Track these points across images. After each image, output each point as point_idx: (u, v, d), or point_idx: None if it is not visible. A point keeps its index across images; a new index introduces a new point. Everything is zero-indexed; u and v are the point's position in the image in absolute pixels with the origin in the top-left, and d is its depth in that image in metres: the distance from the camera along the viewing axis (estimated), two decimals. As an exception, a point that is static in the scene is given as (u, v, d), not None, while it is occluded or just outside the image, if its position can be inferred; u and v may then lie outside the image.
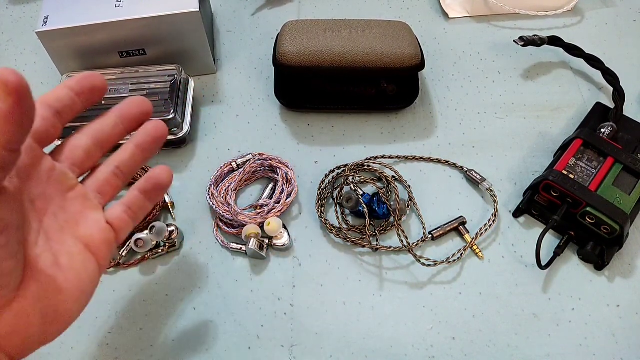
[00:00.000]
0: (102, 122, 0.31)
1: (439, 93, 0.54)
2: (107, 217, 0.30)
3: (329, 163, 0.50)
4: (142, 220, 0.45)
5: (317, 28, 0.49)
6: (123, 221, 0.31)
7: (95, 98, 0.29)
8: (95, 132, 0.30)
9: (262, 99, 0.54)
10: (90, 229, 0.29)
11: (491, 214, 0.47)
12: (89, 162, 0.30)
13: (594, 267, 0.44)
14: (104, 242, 0.30)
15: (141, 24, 0.48)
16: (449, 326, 0.42)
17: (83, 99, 0.28)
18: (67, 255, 0.28)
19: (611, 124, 0.47)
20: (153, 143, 0.32)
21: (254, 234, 0.44)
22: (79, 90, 0.28)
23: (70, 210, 0.29)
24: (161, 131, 0.32)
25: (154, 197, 0.33)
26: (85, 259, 0.28)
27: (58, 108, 0.27)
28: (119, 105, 0.31)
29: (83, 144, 0.30)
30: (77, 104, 0.28)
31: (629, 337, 0.41)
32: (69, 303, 0.27)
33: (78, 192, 0.30)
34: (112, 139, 0.31)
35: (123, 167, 0.31)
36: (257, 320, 0.42)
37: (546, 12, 0.59)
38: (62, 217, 0.28)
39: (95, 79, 0.29)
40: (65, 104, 0.28)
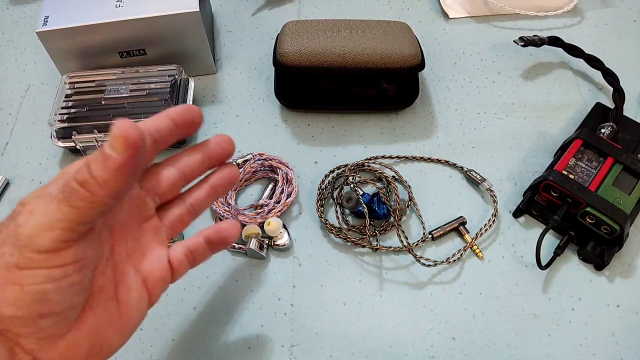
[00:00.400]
0: (189, 157, 0.30)
1: (439, 93, 0.54)
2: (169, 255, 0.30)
3: (329, 163, 0.50)
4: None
5: (317, 28, 0.49)
6: (182, 264, 0.30)
7: (191, 132, 0.28)
8: (182, 166, 0.30)
9: (262, 99, 0.54)
10: (152, 264, 0.28)
11: (491, 214, 0.47)
12: (169, 194, 0.30)
13: (594, 267, 0.44)
14: (160, 281, 0.29)
15: (141, 24, 0.48)
16: (449, 326, 0.42)
17: (180, 132, 0.28)
18: (126, 289, 0.27)
19: (611, 124, 0.47)
20: (226, 187, 0.32)
21: (254, 234, 0.44)
22: (179, 123, 0.27)
23: (141, 241, 0.28)
24: (236, 177, 0.32)
25: (216, 249, 0.32)
26: (140, 295, 0.28)
27: (156, 137, 0.27)
28: (208, 141, 0.30)
29: (171, 177, 0.29)
30: (174, 136, 0.28)
31: (629, 337, 0.41)
32: (116, 337, 0.27)
33: (152, 224, 0.29)
34: (195, 174, 0.30)
35: (197, 205, 0.31)
36: (257, 320, 0.42)
37: (546, 12, 0.59)
38: (131, 247, 0.28)
39: (195, 114, 0.28)
40: (164, 134, 0.27)
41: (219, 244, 0.32)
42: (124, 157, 0.21)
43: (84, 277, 0.23)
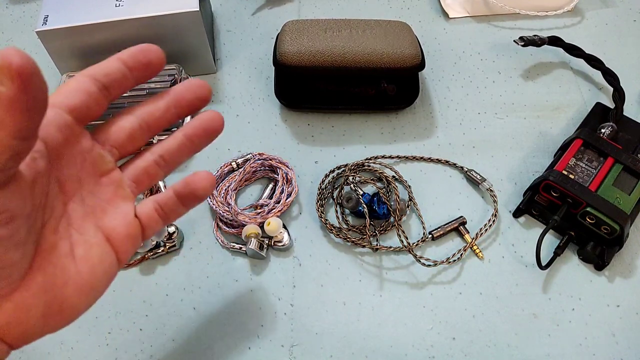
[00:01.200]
0: (152, 104, 0.27)
1: (439, 93, 0.54)
2: (137, 211, 0.28)
3: (329, 163, 0.50)
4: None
5: (317, 28, 0.49)
6: (152, 219, 0.28)
7: (150, 74, 0.26)
8: (143, 113, 0.27)
9: (262, 99, 0.54)
10: (117, 220, 0.27)
11: (491, 214, 0.47)
12: (131, 146, 0.27)
13: (594, 267, 0.44)
14: (127, 237, 0.27)
15: (141, 24, 0.48)
16: (449, 326, 0.42)
17: (136, 75, 0.26)
18: (85, 246, 0.25)
19: (611, 124, 0.47)
20: (205, 136, 0.28)
21: (254, 234, 0.44)
22: (132, 65, 0.25)
23: (100, 196, 0.26)
24: (217, 124, 0.28)
25: (189, 204, 0.29)
26: (103, 252, 0.26)
27: (105, 83, 0.25)
28: (176, 86, 0.28)
29: (128, 126, 0.27)
30: (129, 80, 0.25)
31: (629, 337, 0.41)
32: (77, 297, 0.25)
33: (112, 178, 0.27)
34: (160, 123, 0.28)
35: (167, 157, 0.28)
36: (257, 320, 0.42)
37: (546, 12, 0.59)
38: (89, 202, 0.26)
39: (151, 53, 0.26)
40: (115, 78, 0.25)
41: (189, 198, 0.29)
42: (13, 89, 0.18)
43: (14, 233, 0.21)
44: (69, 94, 0.24)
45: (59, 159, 0.24)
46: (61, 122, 0.24)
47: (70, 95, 0.24)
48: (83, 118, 0.25)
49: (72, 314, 0.25)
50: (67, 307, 0.25)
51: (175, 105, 0.27)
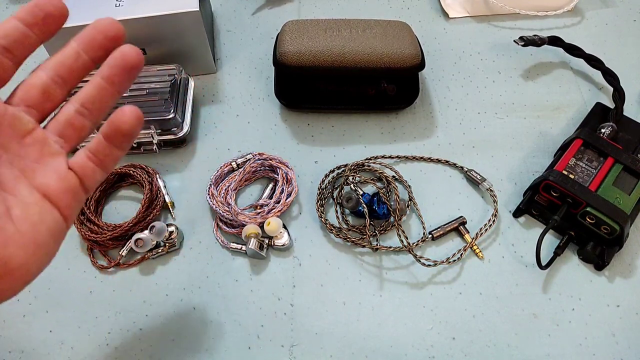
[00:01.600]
0: (61, 55, 0.26)
1: (439, 93, 0.54)
2: (70, 163, 0.27)
3: (329, 163, 0.50)
4: (143, 220, 0.45)
5: (317, 28, 0.49)
6: (88, 168, 0.28)
7: (53, 27, 0.25)
8: (54, 66, 0.26)
9: (262, 99, 0.54)
10: (49, 176, 0.26)
11: (491, 214, 0.47)
12: (48, 103, 0.26)
13: (594, 267, 0.44)
14: (66, 191, 0.26)
15: (141, 24, 0.48)
16: (449, 326, 0.42)
17: (38, 31, 0.24)
18: (21, 206, 0.25)
19: (611, 124, 0.47)
20: (125, 74, 0.26)
21: (254, 234, 0.44)
22: (31, 21, 0.24)
23: (28, 157, 0.26)
24: (133, 57, 0.26)
25: (120, 144, 0.28)
26: (42, 209, 0.25)
27: (5, 45, 0.24)
28: (82, 31, 0.26)
29: (39, 82, 0.26)
30: (31, 38, 0.24)
31: (629, 337, 0.41)
32: (22, 257, 0.25)
33: (36, 137, 0.26)
34: (75, 73, 0.26)
35: (89, 104, 0.27)
36: (257, 320, 0.42)
37: (546, 12, 0.59)
38: (18, 165, 0.26)
39: (47, 4, 0.24)
40: (15, 39, 0.24)
41: (116, 137, 0.27)
42: None
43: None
44: None
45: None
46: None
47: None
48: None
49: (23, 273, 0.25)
50: (15, 267, 0.24)
51: (85, 49, 0.26)
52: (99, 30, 0.26)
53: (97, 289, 0.44)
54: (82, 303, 0.43)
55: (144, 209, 0.45)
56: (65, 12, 0.25)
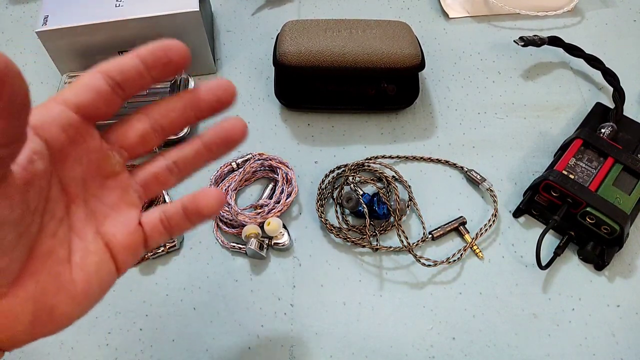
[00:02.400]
0: (168, 105, 0.25)
1: (439, 93, 0.54)
2: (142, 219, 0.26)
3: (329, 163, 0.50)
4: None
5: (317, 28, 0.49)
6: (156, 230, 0.26)
7: (169, 74, 0.24)
8: (157, 114, 0.25)
9: (262, 99, 0.54)
10: (118, 226, 0.25)
11: (491, 214, 0.47)
12: (141, 148, 0.25)
13: (594, 267, 0.44)
14: (128, 246, 0.25)
15: (141, 24, 0.48)
16: (449, 326, 0.42)
17: (155, 74, 0.23)
18: (82, 252, 0.24)
19: (611, 124, 0.47)
20: (225, 145, 0.26)
21: (254, 234, 0.44)
22: (151, 63, 0.23)
23: (104, 200, 0.25)
24: (240, 133, 0.26)
25: (195, 221, 0.27)
26: (101, 260, 0.24)
27: (119, 80, 0.23)
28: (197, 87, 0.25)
29: (140, 127, 0.25)
30: (145, 79, 0.23)
31: (629, 337, 0.41)
32: (69, 306, 0.23)
33: (119, 182, 0.25)
34: (175, 125, 0.25)
35: (181, 164, 0.26)
36: (257, 320, 0.42)
37: (546, 12, 0.59)
38: (92, 206, 0.24)
39: (173, 51, 0.23)
40: (130, 77, 0.23)
41: (194, 214, 0.27)
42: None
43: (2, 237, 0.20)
44: (78, 90, 0.23)
45: (63, 160, 0.23)
46: (66, 120, 0.22)
47: (79, 92, 0.23)
48: (91, 117, 0.23)
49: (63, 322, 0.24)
50: (58, 315, 0.23)
51: (193, 107, 0.25)
52: (212, 92, 0.25)
53: (97, 289, 0.44)
54: (82, 303, 0.43)
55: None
56: (187, 62, 0.23)
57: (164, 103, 0.25)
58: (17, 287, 0.22)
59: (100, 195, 0.25)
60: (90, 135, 0.24)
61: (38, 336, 0.23)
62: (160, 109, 0.25)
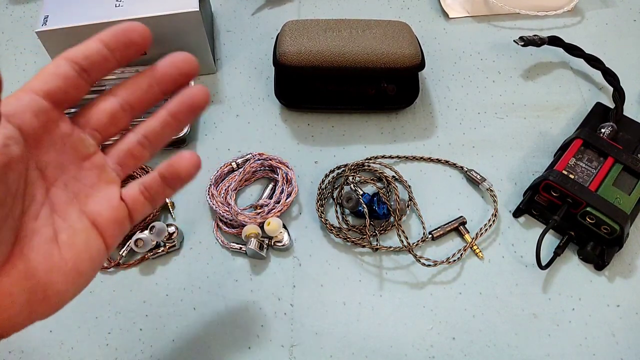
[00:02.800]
0: (133, 83, 0.26)
1: (439, 93, 0.54)
2: (122, 194, 0.27)
3: (329, 163, 0.50)
4: (143, 220, 0.45)
5: (317, 28, 0.49)
6: (139, 202, 0.28)
7: (133, 54, 0.25)
8: (125, 93, 0.26)
9: (262, 99, 0.54)
10: (101, 204, 0.26)
11: (491, 214, 0.47)
12: (113, 128, 0.26)
13: (594, 267, 0.44)
14: (114, 221, 0.26)
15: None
16: (449, 326, 0.42)
17: (118, 56, 0.24)
18: (69, 231, 0.25)
19: (611, 124, 0.47)
20: (190, 112, 0.27)
21: (254, 234, 0.44)
22: (113, 46, 0.24)
23: (84, 181, 0.26)
24: (202, 99, 0.27)
25: (174, 186, 0.28)
26: (89, 236, 0.25)
27: (84, 65, 0.24)
28: (158, 62, 0.26)
29: (108, 107, 0.26)
30: (110, 62, 0.24)
31: (629, 337, 0.41)
32: (62, 284, 0.24)
33: (95, 162, 0.26)
34: (144, 103, 0.27)
35: (152, 137, 0.27)
36: (257, 320, 0.42)
37: (546, 12, 0.59)
38: (73, 188, 0.25)
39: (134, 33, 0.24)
40: (95, 60, 0.24)
41: (173, 179, 0.28)
42: None
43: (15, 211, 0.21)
44: (46, 78, 0.24)
45: (38, 144, 0.24)
46: (37, 107, 0.23)
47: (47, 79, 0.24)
48: (61, 102, 0.24)
49: (59, 300, 0.25)
50: (53, 293, 0.24)
51: (158, 82, 0.26)
52: (175, 66, 0.26)
53: (97, 289, 0.44)
54: (82, 303, 0.43)
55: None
56: (148, 42, 0.25)
57: (129, 82, 0.26)
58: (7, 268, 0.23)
59: (79, 176, 0.26)
60: (61, 120, 0.25)
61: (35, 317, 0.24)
62: (127, 88, 0.26)
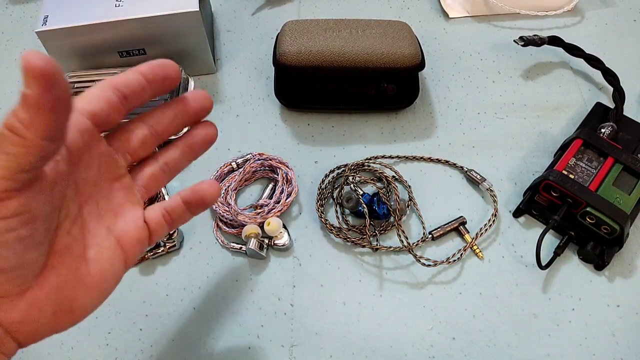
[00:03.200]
0: (161, 113, 0.29)
1: (439, 93, 0.54)
2: (145, 216, 0.29)
3: (329, 163, 0.50)
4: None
5: (317, 28, 0.49)
6: (159, 225, 0.30)
7: (166, 88, 0.27)
8: (154, 122, 0.29)
9: (262, 99, 0.54)
10: (127, 224, 0.28)
11: (491, 214, 0.47)
12: (142, 152, 0.29)
13: (594, 267, 0.44)
14: (137, 241, 0.28)
15: (141, 24, 0.48)
16: (449, 326, 0.42)
17: (154, 88, 0.27)
18: (97, 248, 0.26)
19: (611, 124, 0.47)
20: (204, 146, 0.31)
21: (254, 234, 0.44)
22: (151, 78, 0.26)
23: (113, 201, 0.28)
24: (214, 136, 0.30)
25: (195, 211, 0.31)
26: (114, 254, 0.27)
27: (125, 93, 0.26)
28: (183, 96, 0.29)
29: (141, 133, 0.28)
30: (146, 92, 0.27)
31: (629, 337, 0.41)
32: (87, 298, 0.26)
33: (124, 183, 0.28)
34: (168, 131, 0.29)
35: (171, 164, 0.30)
36: (257, 320, 0.42)
37: (546, 12, 0.59)
38: (103, 206, 0.27)
39: (169, 69, 0.27)
40: (134, 89, 0.26)
41: (196, 205, 0.31)
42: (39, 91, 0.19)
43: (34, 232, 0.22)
44: (91, 100, 0.25)
45: (78, 162, 0.25)
46: (82, 126, 0.25)
47: (92, 101, 0.25)
48: (102, 124, 0.26)
49: (81, 313, 0.26)
50: (77, 307, 0.26)
51: (182, 114, 0.29)
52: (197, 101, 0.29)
53: (97, 289, 0.44)
54: (82, 303, 0.43)
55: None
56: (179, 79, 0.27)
57: (157, 110, 0.29)
58: (41, 280, 0.24)
59: (110, 195, 0.28)
60: (99, 141, 0.27)
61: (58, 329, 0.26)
62: (155, 116, 0.29)
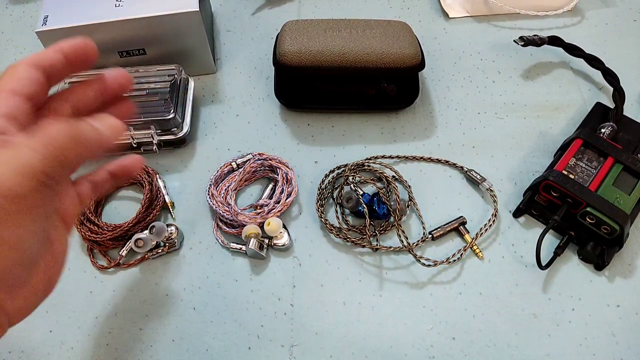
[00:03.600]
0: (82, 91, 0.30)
1: (439, 93, 0.54)
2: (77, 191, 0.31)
3: (329, 163, 0.50)
4: (143, 220, 0.45)
5: (317, 28, 0.49)
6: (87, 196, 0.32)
7: (84, 67, 0.28)
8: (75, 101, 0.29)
9: (262, 99, 0.54)
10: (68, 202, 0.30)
11: (491, 214, 0.47)
12: None
13: (594, 267, 0.44)
14: (74, 215, 0.30)
15: (141, 24, 0.48)
16: (449, 326, 0.42)
17: (73, 67, 0.28)
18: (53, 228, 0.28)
19: (611, 124, 0.47)
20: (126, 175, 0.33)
21: (254, 234, 0.44)
22: (71, 57, 0.27)
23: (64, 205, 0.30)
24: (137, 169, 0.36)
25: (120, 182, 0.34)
26: (62, 230, 0.29)
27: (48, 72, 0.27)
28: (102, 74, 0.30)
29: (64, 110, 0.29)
30: (66, 70, 0.28)
31: (629, 337, 0.41)
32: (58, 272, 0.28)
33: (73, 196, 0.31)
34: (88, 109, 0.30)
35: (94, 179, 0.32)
36: (257, 320, 0.42)
37: (546, 12, 0.59)
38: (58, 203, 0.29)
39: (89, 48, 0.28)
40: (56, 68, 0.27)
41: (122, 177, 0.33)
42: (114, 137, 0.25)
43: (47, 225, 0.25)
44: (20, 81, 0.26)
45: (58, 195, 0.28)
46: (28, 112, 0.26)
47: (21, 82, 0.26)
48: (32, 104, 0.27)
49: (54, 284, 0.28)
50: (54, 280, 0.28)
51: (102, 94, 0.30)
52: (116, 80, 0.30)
53: (97, 289, 0.44)
54: (82, 303, 0.43)
55: (144, 209, 0.45)
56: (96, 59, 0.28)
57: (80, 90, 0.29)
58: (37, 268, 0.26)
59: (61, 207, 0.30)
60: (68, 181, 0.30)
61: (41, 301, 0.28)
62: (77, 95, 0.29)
